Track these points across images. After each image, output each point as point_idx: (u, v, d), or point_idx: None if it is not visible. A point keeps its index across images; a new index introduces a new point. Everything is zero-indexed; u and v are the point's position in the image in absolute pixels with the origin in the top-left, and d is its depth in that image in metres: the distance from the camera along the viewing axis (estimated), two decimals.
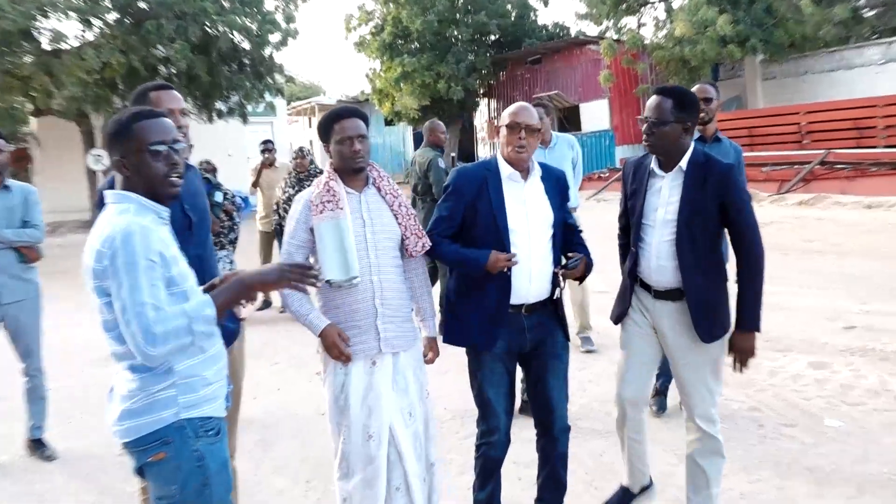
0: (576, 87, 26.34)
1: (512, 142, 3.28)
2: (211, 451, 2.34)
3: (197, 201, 3.13)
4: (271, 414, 5.50)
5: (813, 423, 4.66)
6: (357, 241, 3.12)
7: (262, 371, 6.47)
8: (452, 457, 4.46)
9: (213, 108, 21.75)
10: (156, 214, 2.34)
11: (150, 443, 2.28)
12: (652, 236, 3.31)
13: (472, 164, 3.55)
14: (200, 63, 19.12)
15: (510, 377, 3.39)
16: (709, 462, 3.40)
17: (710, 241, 3.23)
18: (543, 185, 3.38)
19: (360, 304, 3.14)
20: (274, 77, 22.69)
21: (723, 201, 3.18)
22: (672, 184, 3.27)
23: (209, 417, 2.36)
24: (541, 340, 3.36)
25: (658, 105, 3.23)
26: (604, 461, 4.30)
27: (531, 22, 29.69)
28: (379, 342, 3.15)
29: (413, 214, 3.28)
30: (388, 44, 27.71)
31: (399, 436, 3.15)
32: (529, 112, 3.32)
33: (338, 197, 3.15)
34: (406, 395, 3.21)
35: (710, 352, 3.31)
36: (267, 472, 4.49)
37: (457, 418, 5.08)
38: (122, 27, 18.88)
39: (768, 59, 22.10)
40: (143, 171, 2.33)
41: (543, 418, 3.42)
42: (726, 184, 3.19)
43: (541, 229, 3.31)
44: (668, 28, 22.64)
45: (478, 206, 3.29)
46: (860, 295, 7.83)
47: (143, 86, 3.08)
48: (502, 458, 3.42)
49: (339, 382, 3.17)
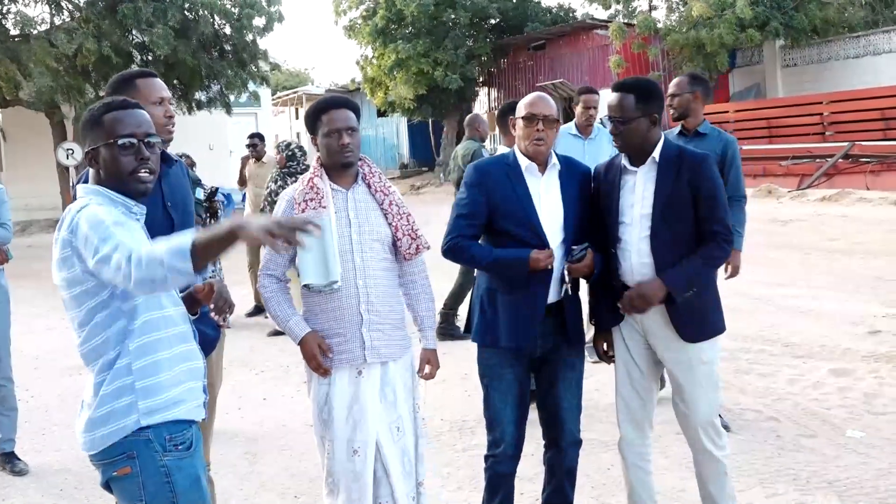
0: (582, 74, 26.34)
1: (530, 134, 3.30)
2: (180, 467, 2.33)
3: (180, 199, 3.11)
4: (257, 426, 5.54)
5: (834, 433, 4.71)
6: (342, 243, 3.11)
7: (248, 380, 6.52)
8: (450, 471, 4.50)
9: (193, 98, 21.73)
10: (126, 209, 2.36)
11: (114, 456, 2.30)
12: (630, 234, 3.33)
13: (487, 158, 3.58)
14: (185, 48, 19.09)
15: (521, 385, 3.37)
16: (716, 485, 3.41)
17: (689, 234, 3.29)
18: (561, 180, 3.38)
19: (343, 310, 3.15)
20: (258, 64, 22.65)
21: (696, 193, 3.26)
22: (646, 177, 3.33)
23: (178, 423, 2.35)
24: (554, 346, 3.36)
25: (620, 102, 3.30)
26: (611, 475, 4.34)
27: (534, 5, 29.62)
28: (364, 351, 3.15)
29: (407, 214, 3.26)
30: (381, 29, 27.67)
31: (386, 451, 3.16)
32: (547, 102, 3.36)
33: (321, 195, 3.15)
34: (394, 408, 3.21)
35: (699, 352, 3.34)
36: (254, 487, 4.53)
37: (455, 430, 5.12)
38: (94, 10, 18.84)
39: (789, 45, 22.12)
40: (110, 165, 2.35)
41: (552, 429, 3.43)
42: (699, 172, 3.28)
43: (554, 227, 3.31)
44: (682, 10, 22.67)
45: (501, 201, 3.31)
46: (886, 298, 7.88)
47: (123, 73, 3.08)
48: (510, 473, 3.41)
49: (322, 393, 3.18)
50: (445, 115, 29.40)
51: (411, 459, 3.23)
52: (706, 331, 3.36)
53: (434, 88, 27.43)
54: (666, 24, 23.29)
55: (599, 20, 25.80)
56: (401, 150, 34.76)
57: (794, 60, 22.67)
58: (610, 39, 23.44)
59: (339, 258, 3.09)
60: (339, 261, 3.08)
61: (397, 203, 3.26)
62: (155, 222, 2.92)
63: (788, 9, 20.70)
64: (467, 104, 28.46)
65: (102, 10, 18.84)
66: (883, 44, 20.78)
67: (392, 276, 3.27)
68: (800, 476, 4.21)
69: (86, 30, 18.20)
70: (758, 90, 23.25)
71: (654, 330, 3.37)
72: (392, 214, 3.22)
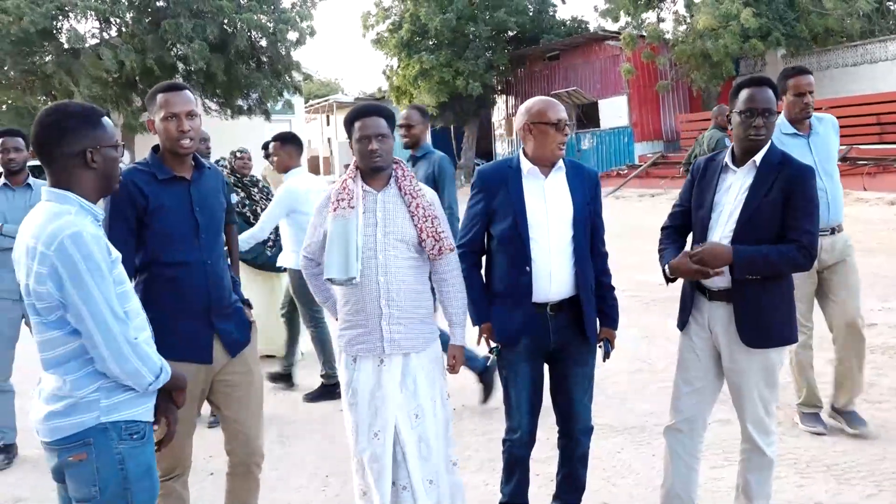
0: (594, 83, 26.26)
1: (558, 139, 3.24)
2: (133, 455, 2.31)
3: (209, 203, 3.10)
4: (291, 410, 5.58)
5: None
6: (367, 241, 3.14)
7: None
8: (470, 454, 4.50)
9: (234, 105, 21.90)
10: (93, 217, 2.33)
11: (71, 443, 2.27)
12: (713, 234, 3.17)
13: (492, 162, 3.56)
14: (217, 61, 19.25)
15: (535, 377, 3.36)
16: (756, 476, 3.23)
17: (773, 241, 3.06)
18: (569, 179, 3.32)
19: (365, 303, 3.17)
20: (291, 75, 22.82)
21: (787, 202, 3.06)
22: (744, 179, 3.15)
23: (135, 421, 2.33)
24: (566, 342, 3.31)
25: (767, 96, 3.11)
26: (621, 458, 4.33)
27: (550, 18, 29.61)
28: (383, 343, 3.17)
29: (433, 216, 3.22)
30: (406, 41, 27.73)
31: (404, 437, 3.18)
32: (561, 106, 3.32)
33: (351, 195, 3.17)
34: (414, 397, 3.22)
35: (760, 359, 3.14)
36: (287, 467, 4.56)
37: (475, 415, 5.13)
38: (140, 26, 19.05)
39: (790, 54, 21.93)
40: (109, 166, 2.35)
41: (565, 420, 3.43)
42: (796, 184, 3.06)
43: (561, 226, 3.25)
44: (689, 22, 22.53)
45: (498, 204, 3.29)
46: (882, 292, 7.79)
47: (155, 87, 3.10)
48: (526, 456, 3.44)
49: (348, 378, 3.23)
50: (466, 122, 29.44)
51: (429, 445, 3.23)
52: (769, 338, 3.13)
53: (455, 96, 27.49)
54: (674, 35, 23.15)
55: (611, 32, 25.72)
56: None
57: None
58: (621, 49, 23.34)
59: (363, 255, 3.11)
60: (363, 258, 3.10)
61: (424, 206, 3.22)
62: (180, 223, 3.00)
63: (790, 19, 20.51)
64: (486, 111, 28.44)
65: (147, 26, 19.04)
66: (880, 52, 20.57)
67: (419, 273, 3.26)
68: (800, 460, 4.18)
69: (130, 45, 18.40)
70: None
71: (722, 338, 3.19)
72: (418, 217, 3.20)
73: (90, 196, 2.34)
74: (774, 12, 20.45)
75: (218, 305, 3.08)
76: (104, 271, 2.21)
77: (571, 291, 3.27)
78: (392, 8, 29.09)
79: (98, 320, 2.20)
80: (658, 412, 4.76)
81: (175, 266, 2.98)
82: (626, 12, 24.08)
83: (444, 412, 3.32)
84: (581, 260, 3.27)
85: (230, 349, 3.12)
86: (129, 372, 2.25)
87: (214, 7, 19.20)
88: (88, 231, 2.22)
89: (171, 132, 2.95)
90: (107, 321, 2.20)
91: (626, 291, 8.21)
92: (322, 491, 4.24)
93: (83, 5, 18.45)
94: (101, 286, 2.20)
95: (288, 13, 21.85)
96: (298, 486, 4.31)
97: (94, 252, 2.20)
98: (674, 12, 24.89)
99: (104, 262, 2.22)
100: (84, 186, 2.32)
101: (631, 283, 8.57)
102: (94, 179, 2.34)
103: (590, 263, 3.32)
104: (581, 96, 26.12)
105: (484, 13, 27.55)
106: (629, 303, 7.74)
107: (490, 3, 27.60)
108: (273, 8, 21.48)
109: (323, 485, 4.31)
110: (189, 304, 3.00)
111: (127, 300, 2.34)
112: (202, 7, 19.04)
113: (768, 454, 3.20)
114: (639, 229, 13.06)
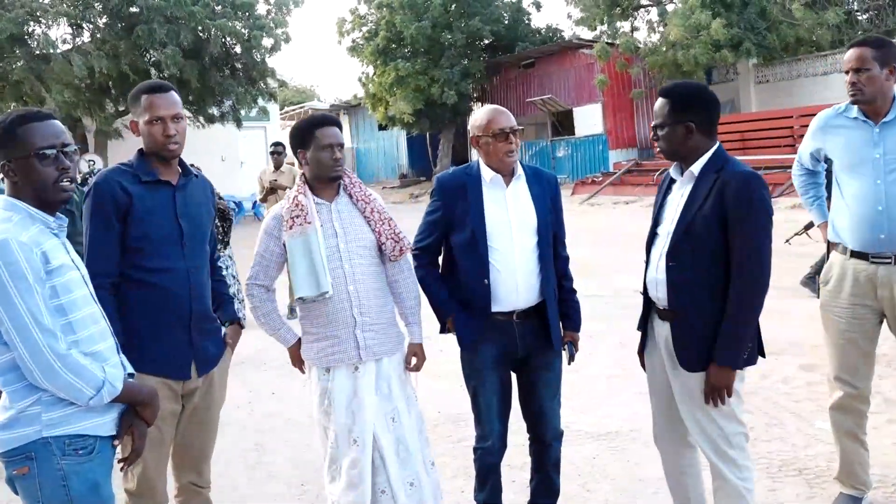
0: (569, 91, 26.43)
1: (503, 148, 3.24)
2: (77, 472, 2.23)
3: (194, 211, 3.02)
4: (266, 419, 5.55)
5: (804, 425, 4.72)
6: (330, 253, 3.13)
7: (258, 376, 6.52)
8: (446, 460, 4.50)
9: (206, 112, 21.77)
10: (43, 225, 2.27)
11: (13, 456, 2.22)
12: (655, 248, 3.06)
13: (451, 169, 3.57)
14: (191, 68, 19.15)
15: (503, 385, 3.39)
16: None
17: (709, 261, 2.87)
18: (530, 185, 3.34)
19: (338, 314, 3.16)
20: (266, 82, 22.74)
21: (726, 213, 2.82)
22: (682, 190, 2.98)
23: (81, 436, 2.25)
24: (533, 349, 3.34)
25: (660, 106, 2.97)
26: (596, 464, 4.36)
27: (525, 26, 29.75)
28: (359, 351, 3.18)
29: (388, 219, 3.25)
30: (382, 48, 27.76)
31: (382, 441, 3.18)
32: (509, 115, 3.32)
33: (306, 211, 3.15)
34: (389, 400, 3.24)
35: (697, 381, 2.94)
36: (262, 476, 4.54)
37: (449, 422, 5.13)
38: (112, 32, 18.90)
39: (761, 63, 22.23)
40: (31, 177, 2.24)
41: (536, 426, 3.45)
42: (736, 194, 2.81)
43: (525, 235, 3.28)
44: (661, 32, 22.77)
45: (457, 212, 3.30)
46: None
47: (139, 86, 3.00)
48: (497, 463, 3.45)
49: (322, 387, 3.22)
50: (441, 129, 29.52)
51: (407, 447, 3.24)
52: (708, 360, 2.89)
53: (431, 104, 27.54)
54: (646, 44, 23.37)
55: (585, 40, 25.94)
56: (400, 162, 34.80)
57: (767, 77, 22.80)
58: (595, 58, 23.52)
59: (329, 268, 3.10)
60: (329, 270, 3.10)
61: (378, 210, 3.26)
62: (165, 231, 2.91)
63: (761, 29, 20.78)
64: (462, 118, 28.54)
65: (120, 31, 18.89)
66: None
67: (381, 277, 3.29)
68: (772, 464, 4.22)
69: (101, 51, 18.24)
70: (732, 105, 23.36)
71: (663, 349, 3.05)
72: (374, 221, 3.23)
73: (36, 205, 2.27)
74: (746, 22, 20.72)
75: (199, 318, 2.98)
76: (30, 281, 2.14)
77: (537, 298, 3.31)
78: (367, 15, 29.11)
79: (22, 332, 2.13)
80: (634, 418, 4.80)
81: (157, 272, 2.87)
82: (601, 21, 24.28)
83: (416, 411, 3.34)
84: (546, 267, 3.32)
85: (200, 368, 3.01)
86: (60, 386, 2.17)
87: (187, 13, 19.09)
88: (19, 240, 2.15)
89: (156, 137, 2.88)
90: (31, 333, 2.13)
91: (603, 297, 8.26)
92: (299, 498, 4.23)
93: (54, 11, 18.31)
94: (24, 296, 2.12)
95: (263, 19, 21.79)
96: (275, 494, 4.29)
97: (19, 261, 2.12)
98: (647, 21, 25.18)
99: (31, 272, 2.14)
100: (25, 196, 2.26)
101: (608, 289, 8.62)
102: (26, 189, 2.26)
103: (553, 269, 3.36)
104: (556, 104, 26.27)
105: (459, 21, 27.63)
106: (606, 309, 7.78)
107: (465, 11, 27.70)
108: (248, 14, 21.40)
109: (299, 493, 4.29)
110: (169, 314, 2.90)
111: (74, 309, 2.26)
112: (175, 13, 18.93)
113: (736, 483, 2.95)
114: (614, 236, 13.13)
